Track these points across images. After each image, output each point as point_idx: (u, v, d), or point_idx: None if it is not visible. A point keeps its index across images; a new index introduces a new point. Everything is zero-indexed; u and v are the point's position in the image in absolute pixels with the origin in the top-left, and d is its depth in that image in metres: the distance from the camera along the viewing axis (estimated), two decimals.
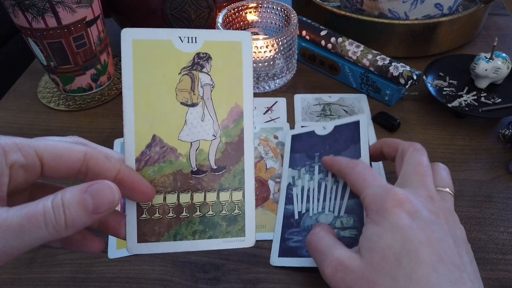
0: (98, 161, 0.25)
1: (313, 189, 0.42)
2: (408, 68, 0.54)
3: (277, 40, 0.54)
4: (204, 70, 0.28)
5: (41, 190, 0.27)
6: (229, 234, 0.28)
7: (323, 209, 0.39)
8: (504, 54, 0.54)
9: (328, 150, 0.45)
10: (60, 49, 0.53)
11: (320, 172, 0.43)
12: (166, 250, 0.28)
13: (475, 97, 0.54)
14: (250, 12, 0.60)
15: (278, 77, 0.59)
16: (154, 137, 0.27)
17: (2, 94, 0.62)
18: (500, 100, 0.53)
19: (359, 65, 0.57)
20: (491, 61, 0.53)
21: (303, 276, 0.39)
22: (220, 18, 0.56)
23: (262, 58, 0.55)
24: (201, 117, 0.28)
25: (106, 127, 0.56)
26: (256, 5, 0.60)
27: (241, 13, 0.60)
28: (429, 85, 0.55)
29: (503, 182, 0.46)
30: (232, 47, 0.28)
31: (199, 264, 0.40)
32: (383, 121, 0.53)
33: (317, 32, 0.61)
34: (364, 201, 0.31)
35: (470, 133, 0.53)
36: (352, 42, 0.58)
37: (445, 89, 0.56)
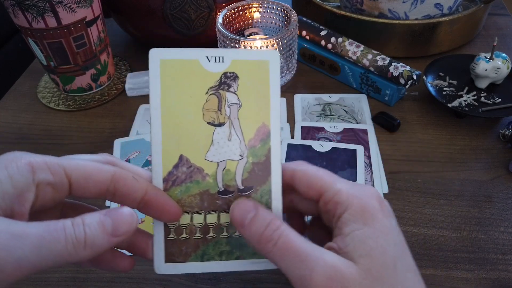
0: (126, 182, 0.25)
1: None
2: (408, 68, 0.54)
3: (277, 40, 0.54)
4: (231, 89, 0.27)
5: (73, 210, 0.28)
6: (256, 255, 0.28)
7: None
8: (504, 54, 0.54)
9: (325, 166, 0.46)
10: (60, 49, 0.53)
11: None
12: (193, 271, 0.27)
13: (475, 97, 0.54)
14: (250, 12, 0.60)
15: None
16: (181, 157, 0.27)
17: (2, 94, 0.62)
18: (500, 100, 0.53)
19: (359, 65, 0.57)
20: (491, 61, 0.53)
21: None
22: (220, 18, 0.56)
23: None
24: (228, 137, 0.27)
25: (106, 127, 0.56)
26: (256, 5, 0.60)
27: (241, 13, 0.60)
28: (429, 85, 0.55)
29: (503, 182, 0.46)
30: (259, 66, 0.28)
31: None
32: (383, 121, 0.53)
33: (317, 32, 0.61)
34: (335, 200, 0.26)
35: (470, 133, 0.53)
36: (352, 42, 0.58)
37: (445, 89, 0.56)
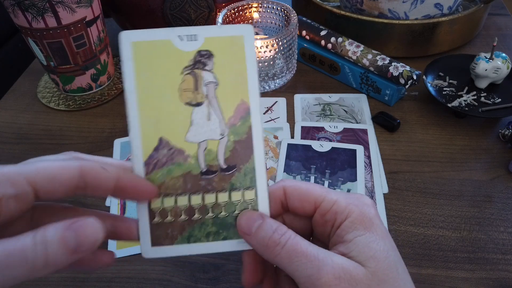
0: (94, 173, 0.24)
1: None
2: (408, 68, 0.54)
3: (277, 40, 0.54)
4: (206, 68, 0.27)
5: (44, 211, 0.27)
6: None
7: None
8: (504, 54, 0.54)
9: (324, 166, 0.48)
10: (60, 49, 0.53)
11: (315, 182, 0.44)
12: (180, 253, 0.27)
13: (475, 97, 0.54)
14: (250, 12, 0.60)
15: (278, 77, 0.59)
16: (161, 139, 0.27)
17: (2, 94, 0.62)
18: (500, 100, 0.53)
19: (359, 65, 0.57)
20: (491, 61, 0.53)
21: None
22: (220, 18, 0.56)
23: (262, 58, 0.55)
24: (207, 116, 0.27)
25: (106, 127, 0.56)
26: (256, 5, 0.60)
27: (241, 13, 0.60)
28: (429, 85, 0.55)
29: (503, 182, 0.46)
30: (233, 42, 0.27)
31: (199, 264, 0.40)
32: (383, 121, 0.53)
33: (317, 32, 0.61)
34: (333, 210, 0.27)
35: (470, 133, 0.53)
36: (352, 42, 0.58)
37: (445, 89, 0.56)
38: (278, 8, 0.59)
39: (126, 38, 0.26)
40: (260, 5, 0.60)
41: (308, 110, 0.56)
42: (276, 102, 0.58)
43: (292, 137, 0.53)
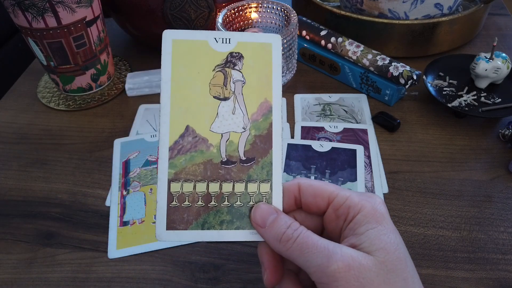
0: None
1: None
2: (408, 68, 0.54)
3: None
4: (236, 67, 0.30)
5: None
6: None
7: None
8: (504, 54, 0.54)
9: (325, 166, 0.48)
10: (60, 49, 0.53)
11: None
12: (193, 239, 0.28)
13: (475, 97, 0.54)
14: (250, 12, 0.60)
15: None
16: (187, 127, 0.29)
17: (2, 94, 0.62)
18: (500, 100, 0.53)
19: (359, 65, 0.57)
20: (491, 61, 0.53)
21: None
22: (220, 18, 0.56)
23: None
24: (232, 110, 0.29)
25: (106, 127, 0.56)
26: (256, 5, 0.60)
27: (241, 13, 0.60)
28: (429, 85, 0.55)
29: (503, 182, 0.46)
30: (263, 48, 0.30)
31: (199, 264, 0.40)
32: (383, 121, 0.53)
33: (317, 32, 0.61)
34: (347, 204, 0.28)
35: (470, 133, 0.53)
36: (352, 42, 0.58)
37: (445, 89, 0.56)
38: (278, 8, 0.59)
39: (168, 35, 0.29)
40: (260, 5, 0.60)
41: (308, 110, 0.56)
42: None
43: (292, 137, 0.53)
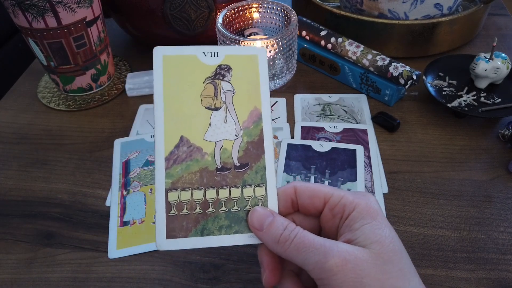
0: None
1: None
2: (407, 68, 0.54)
3: (277, 40, 0.54)
4: (225, 79, 0.31)
5: None
6: None
7: None
8: (503, 54, 0.54)
9: (324, 166, 0.48)
10: (60, 49, 0.53)
11: (315, 182, 0.44)
12: (194, 246, 0.29)
13: (475, 97, 0.54)
14: (250, 12, 0.60)
15: (278, 77, 0.59)
16: (181, 138, 0.30)
17: (2, 94, 0.62)
18: (499, 100, 0.53)
19: (359, 65, 0.57)
20: (491, 61, 0.53)
21: None
22: (220, 18, 0.56)
23: None
24: (224, 119, 0.31)
25: (106, 127, 0.56)
26: (256, 5, 0.60)
27: (241, 13, 0.60)
28: (428, 85, 0.55)
29: (503, 182, 0.47)
30: (249, 60, 0.32)
31: (199, 264, 0.40)
32: (383, 121, 0.53)
33: (317, 32, 0.61)
34: (342, 203, 0.29)
35: (470, 133, 0.53)
36: (352, 42, 0.58)
37: (444, 89, 0.56)
38: (278, 8, 0.59)
39: (159, 52, 0.30)
40: (260, 5, 0.60)
41: (308, 110, 0.56)
42: (276, 102, 0.58)
43: (292, 137, 0.53)
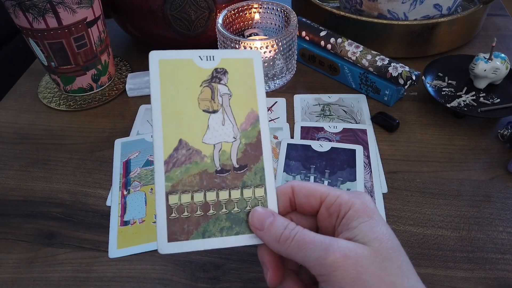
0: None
1: None
2: (407, 68, 0.54)
3: (276, 40, 0.54)
4: (222, 82, 0.31)
5: None
6: None
7: None
8: (503, 55, 0.54)
9: (324, 166, 0.48)
10: (60, 49, 0.54)
11: (315, 182, 0.44)
12: (196, 248, 0.28)
13: (474, 97, 0.54)
14: (250, 13, 0.61)
15: (277, 77, 0.59)
16: (180, 141, 0.30)
17: (3, 94, 0.63)
18: (499, 100, 0.54)
19: (359, 65, 0.58)
20: (490, 61, 0.53)
21: None
22: (220, 19, 0.56)
23: (262, 59, 0.56)
24: (221, 122, 0.31)
25: (106, 127, 0.56)
26: (256, 6, 0.60)
27: (241, 14, 0.60)
28: (428, 85, 0.55)
29: (502, 182, 0.47)
30: (245, 63, 0.32)
31: (199, 263, 0.40)
32: (382, 121, 0.53)
33: (316, 32, 0.61)
34: (338, 202, 0.29)
35: (469, 133, 0.53)
36: (351, 43, 0.58)
37: (444, 89, 0.56)
38: (278, 9, 0.59)
39: (155, 56, 0.30)
40: (260, 6, 0.60)
41: (307, 110, 0.57)
42: (276, 102, 0.58)
43: (291, 137, 0.53)
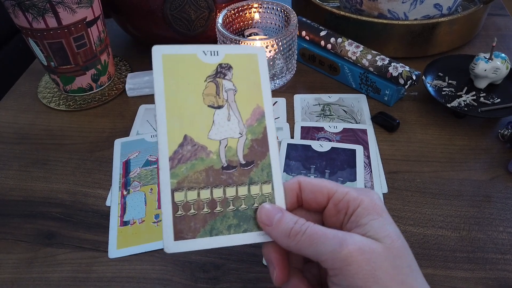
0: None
1: None
2: (407, 68, 0.54)
3: (276, 40, 0.54)
4: (226, 77, 0.31)
5: None
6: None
7: None
8: (503, 55, 0.54)
9: (324, 166, 0.48)
10: (60, 49, 0.54)
11: None
12: (203, 247, 0.28)
13: (474, 97, 0.54)
14: (250, 12, 0.61)
15: (278, 77, 0.59)
16: (185, 137, 0.29)
17: (3, 94, 0.63)
18: (499, 100, 0.54)
19: (359, 65, 0.57)
20: (490, 61, 0.53)
21: None
22: (220, 19, 0.56)
23: None
24: (227, 117, 0.30)
25: (106, 127, 0.56)
26: (256, 5, 0.60)
27: (241, 13, 0.60)
28: (428, 85, 0.55)
29: (502, 182, 0.47)
30: (249, 58, 0.32)
31: (199, 263, 0.40)
32: (383, 121, 0.53)
33: (316, 32, 0.61)
34: (346, 199, 0.29)
35: (469, 133, 0.53)
36: (351, 43, 0.58)
37: (444, 89, 0.56)
38: (278, 8, 0.59)
39: (158, 50, 0.30)
40: (260, 5, 0.60)
41: (307, 110, 0.57)
42: (276, 102, 0.58)
43: (292, 137, 0.53)
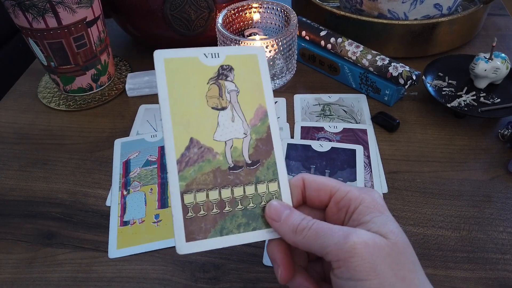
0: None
1: None
2: (407, 68, 0.54)
3: (276, 40, 0.54)
4: (228, 79, 0.31)
5: None
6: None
7: None
8: (503, 54, 0.54)
9: (324, 166, 0.48)
10: (60, 49, 0.54)
11: None
12: (214, 246, 0.28)
13: (474, 97, 0.54)
14: (250, 12, 0.61)
15: (278, 77, 0.59)
16: (191, 139, 0.30)
17: (3, 94, 0.63)
18: (499, 100, 0.54)
19: (359, 65, 0.57)
20: (490, 61, 0.53)
21: None
22: (220, 19, 0.56)
23: None
24: (231, 118, 0.31)
25: (106, 127, 0.56)
26: (256, 5, 0.60)
27: (241, 13, 0.60)
28: (428, 85, 0.55)
29: (502, 182, 0.47)
30: (250, 59, 0.32)
31: (199, 263, 0.40)
32: (383, 121, 0.53)
33: (316, 32, 0.61)
34: (348, 197, 0.29)
35: (469, 133, 0.53)
36: (351, 43, 0.58)
37: (444, 89, 0.56)
38: (278, 8, 0.59)
39: (159, 55, 0.30)
40: (260, 5, 0.60)
41: (307, 110, 0.57)
42: (276, 102, 0.58)
43: (292, 137, 0.53)
